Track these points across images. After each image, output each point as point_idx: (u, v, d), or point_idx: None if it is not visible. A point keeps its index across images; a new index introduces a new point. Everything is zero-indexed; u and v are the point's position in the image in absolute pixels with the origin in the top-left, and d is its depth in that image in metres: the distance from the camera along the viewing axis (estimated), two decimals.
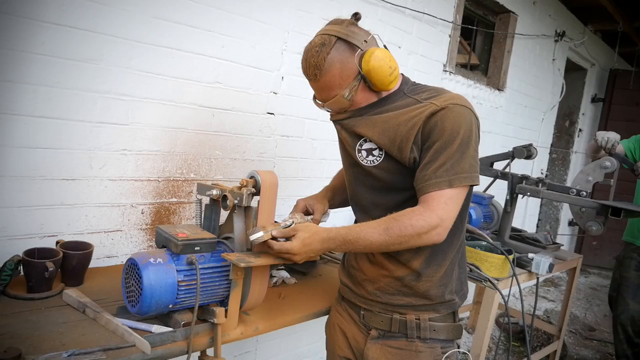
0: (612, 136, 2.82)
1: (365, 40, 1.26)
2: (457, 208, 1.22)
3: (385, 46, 1.32)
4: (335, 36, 1.25)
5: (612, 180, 2.48)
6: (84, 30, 1.65)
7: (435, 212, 1.17)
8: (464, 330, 3.75)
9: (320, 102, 1.36)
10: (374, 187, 1.36)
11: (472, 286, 2.70)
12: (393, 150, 1.26)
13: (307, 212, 1.57)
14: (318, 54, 1.24)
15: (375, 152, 1.32)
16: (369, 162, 1.33)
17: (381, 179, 1.32)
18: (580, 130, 6.16)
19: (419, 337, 1.34)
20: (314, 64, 1.25)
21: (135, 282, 1.22)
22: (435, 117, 1.21)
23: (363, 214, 1.41)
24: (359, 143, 1.35)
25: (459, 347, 1.41)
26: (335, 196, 1.66)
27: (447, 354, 1.36)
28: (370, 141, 1.32)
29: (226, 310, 1.32)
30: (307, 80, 1.34)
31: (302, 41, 2.38)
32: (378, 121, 1.30)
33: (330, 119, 1.42)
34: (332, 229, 1.25)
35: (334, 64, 1.24)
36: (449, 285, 1.36)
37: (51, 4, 1.57)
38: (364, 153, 1.34)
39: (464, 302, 1.45)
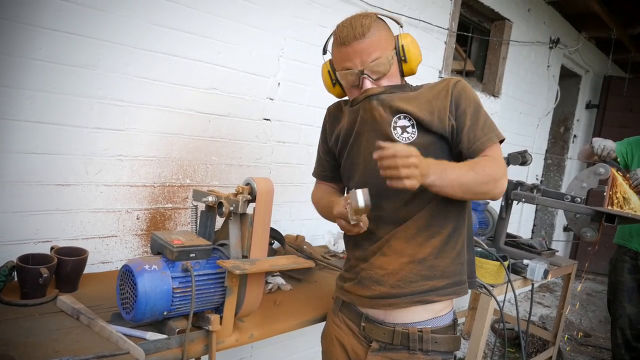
0: (609, 145, 2.84)
1: (399, 24, 1.40)
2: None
3: None
4: (374, 14, 1.34)
5: (606, 186, 2.50)
6: (81, 36, 1.66)
7: (501, 163, 1.27)
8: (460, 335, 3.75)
9: (356, 70, 1.31)
10: None
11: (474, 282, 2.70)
12: (433, 122, 1.30)
13: None
14: (365, 18, 1.30)
15: (409, 130, 1.33)
16: (404, 139, 1.32)
17: None
18: (575, 136, 6.19)
19: (420, 350, 1.34)
20: (361, 24, 1.29)
21: (130, 288, 1.21)
22: (457, 87, 1.33)
23: (390, 200, 1.34)
24: (393, 120, 1.34)
25: (455, 358, 1.41)
26: None
27: None
28: (405, 118, 1.33)
29: (221, 317, 1.32)
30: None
31: (299, 47, 2.42)
32: (411, 97, 1.35)
33: (365, 95, 1.34)
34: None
35: (380, 28, 1.32)
36: (463, 265, 1.40)
37: (49, 10, 1.57)
38: (399, 130, 1.34)
39: (472, 288, 1.49)
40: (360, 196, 1.15)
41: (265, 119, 2.33)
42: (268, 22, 2.25)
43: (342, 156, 1.49)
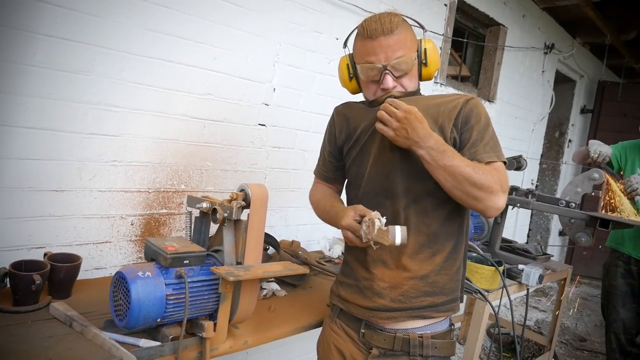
0: (605, 150, 2.85)
1: (422, 29, 1.45)
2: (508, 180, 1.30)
3: None
4: (401, 15, 1.35)
5: (600, 191, 2.51)
6: (76, 42, 1.66)
7: (504, 179, 1.25)
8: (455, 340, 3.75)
9: (379, 65, 1.31)
10: (410, 171, 1.33)
11: (463, 297, 2.71)
12: (435, 130, 1.28)
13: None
14: (394, 16, 1.31)
15: None
16: None
17: (417, 162, 1.29)
18: (570, 140, 6.22)
19: (421, 355, 1.34)
20: (390, 21, 1.30)
21: (123, 295, 1.21)
22: (470, 103, 1.33)
23: (391, 201, 1.35)
24: None
25: None
26: None
27: None
28: None
29: (215, 324, 1.32)
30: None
31: (294, 53, 2.42)
32: (419, 100, 1.35)
33: (388, 95, 1.35)
34: None
35: (406, 29, 1.34)
36: (459, 282, 1.40)
37: (44, 16, 1.57)
38: None
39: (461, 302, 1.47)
40: (399, 234, 1.16)
41: (260, 125, 2.33)
42: (263, 27, 2.25)
43: (351, 153, 1.47)
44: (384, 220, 1.19)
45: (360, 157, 1.44)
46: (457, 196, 1.25)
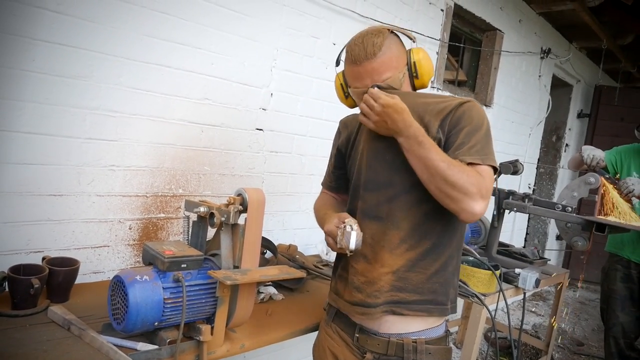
0: (598, 154, 2.87)
1: (411, 39, 1.42)
2: (492, 187, 1.25)
3: None
4: (387, 29, 1.35)
5: (596, 195, 2.52)
6: (74, 47, 1.67)
7: (485, 184, 1.19)
8: (452, 345, 3.75)
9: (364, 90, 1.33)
10: (394, 162, 1.33)
11: (460, 301, 2.72)
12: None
13: None
14: (377, 36, 1.31)
15: None
16: None
17: (402, 153, 1.28)
18: (567, 145, 6.25)
19: None
20: (372, 44, 1.30)
21: (121, 299, 1.22)
22: (463, 107, 1.30)
23: (374, 192, 1.37)
24: None
25: None
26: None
27: None
28: None
29: (212, 328, 1.32)
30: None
31: (291, 58, 2.44)
32: (408, 96, 1.34)
33: (372, 86, 1.35)
34: None
35: (391, 47, 1.33)
36: (444, 286, 1.36)
37: (42, 22, 1.58)
38: None
39: (453, 313, 1.44)
40: (354, 239, 1.23)
41: (258, 129, 2.34)
42: (260, 33, 2.27)
43: (351, 154, 1.50)
44: (355, 226, 1.25)
45: (354, 154, 1.48)
46: (432, 192, 1.23)
